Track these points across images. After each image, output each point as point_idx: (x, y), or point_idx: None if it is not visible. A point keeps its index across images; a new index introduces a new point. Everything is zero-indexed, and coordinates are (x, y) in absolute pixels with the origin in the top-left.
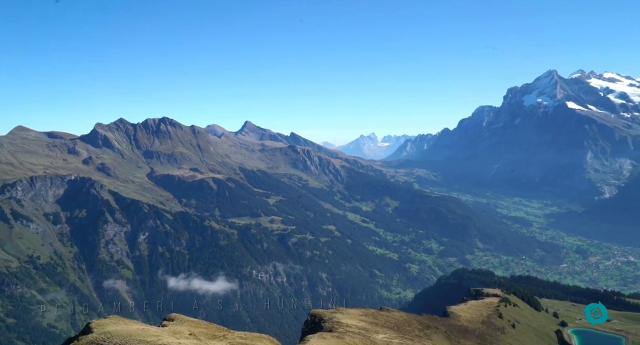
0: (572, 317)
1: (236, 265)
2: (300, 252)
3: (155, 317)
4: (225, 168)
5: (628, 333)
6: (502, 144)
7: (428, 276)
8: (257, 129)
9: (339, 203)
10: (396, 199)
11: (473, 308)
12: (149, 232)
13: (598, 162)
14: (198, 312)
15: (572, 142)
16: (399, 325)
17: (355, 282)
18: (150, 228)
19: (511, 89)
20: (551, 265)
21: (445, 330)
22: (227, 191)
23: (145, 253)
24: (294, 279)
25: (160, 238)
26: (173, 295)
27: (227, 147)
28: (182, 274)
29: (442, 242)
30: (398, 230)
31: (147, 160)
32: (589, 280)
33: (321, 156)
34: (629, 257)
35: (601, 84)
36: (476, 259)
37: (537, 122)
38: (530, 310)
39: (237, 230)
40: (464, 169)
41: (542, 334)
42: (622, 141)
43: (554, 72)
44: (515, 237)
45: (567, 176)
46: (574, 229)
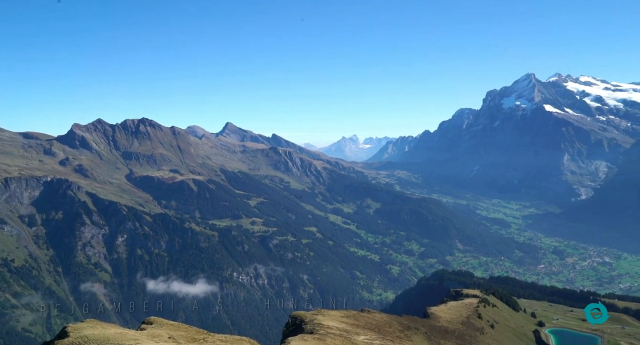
0: (549, 317)
1: (217, 268)
2: (281, 254)
3: (134, 320)
4: (206, 169)
5: (604, 332)
6: (482, 146)
7: (409, 277)
8: (239, 131)
9: (320, 205)
10: (377, 201)
11: (453, 309)
12: (127, 234)
13: (575, 164)
14: (177, 315)
15: (550, 144)
16: (380, 326)
17: (336, 284)
18: (128, 230)
19: (490, 92)
20: (529, 266)
21: (425, 331)
22: (207, 193)
23: (123, 255)
24: (275, 280)
25: (139, 240)
26: (152, 299)
27: (207, 149)
28: (162, 277)
29: (422, 244)
30: (379, 232)
31: (126, 162)
32: (565, 280)
33: (303, 158)
34: (605, 258)
35: (577, 88)
36: (456, 260)
37: (516, 124)
38: (508, 310)
39: (217, 232)
40: (445, 171)
41: (520, 334)
42: (597, 144)
43: (531, 75)
44: (494, 238)
45: (545, 178)
46: (551, 230)
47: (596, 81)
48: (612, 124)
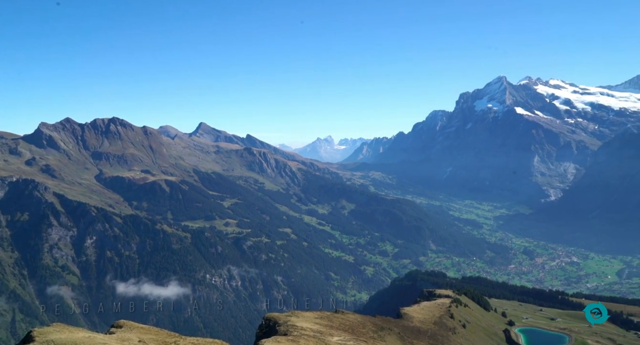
0: (519, 316)
1: (189, 270)
2: (255, 256)
3: (103, 324)
4: (179, 170)
5: (571, 331)
6: (455, 147)
7: (383, 278)
8: (212, 131)
9: (295, 206)
10: (352, 202)
11: (426, 309)
12: (96, 236)
13: (544, 166)
14: (148, 318)
15: (521, 146)
16: (354, 327)
17: (310, 285)
18: (98, 232)
19: (463, 94)
20: (500, 266)
21: (398, 332)
22: (180, 194)
23: (92, 258)
24: (248, 282)
25: (108, 242)
26: (122, 301)
27: (180, 149)
28: (132, 279)
29: (396, 244)
30: (354, 233)
31: (96, 162)
32: (535, 280)
33: (278, 158)
34: (573, 258)
35: (547, 91)
36: (429, 260)
37: (488, 126)
38: (480, 310)
39: (190, 234)
40: (418, 172)
41: (491, 333)
42: (566, 146)
43: (503, 78)
44: (467, 238)
45: (516, 179)
46: (521, 230)
47: (565, 84)
48: (580, 127)
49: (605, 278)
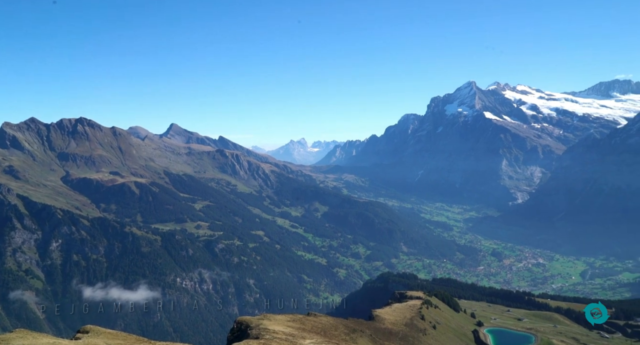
0: (487, 317)
1: (159, 273)
2: (227, 258)
3: (69, 329)
4: (149, 172)
5: (537, 331)
6: (426, 151)
7: (355, 280)
8: (184, 132)
9: (268, 208)
10: (325, 204)
11: (397, 311)
12: (62, 239)
13: (512, 169)
14: (116, 323)
15: (489, 150)
16: (326, 330)
17: (283, 288)
18: (64, 235)
19: (434, 99)
20: (469, 267)
21: (370, 334)
22: (150, 196)
23: (58, 262)
24: (220, 286)
25: (75, 245)
26: (89, 306)
27: (151, 150)
28: (100, 283)
29: (369, 247)
30: (327, 235)
31: (62, 163)
32: (503, 281)
33: (250, 161)
34: (539, 259)
35: (515, 96)
36: (401, 262)
37: (458, 130)
38: (450, 311)
39: (160, 237)
40: (391, 175)
41: (461, 334)
42: (533, 150)
43: (472, 83)
44: (438, 241)
45: (485, 182)
46: (490, 232)
47: (531, 90)
48: (546, 132)
49: (570, 279)
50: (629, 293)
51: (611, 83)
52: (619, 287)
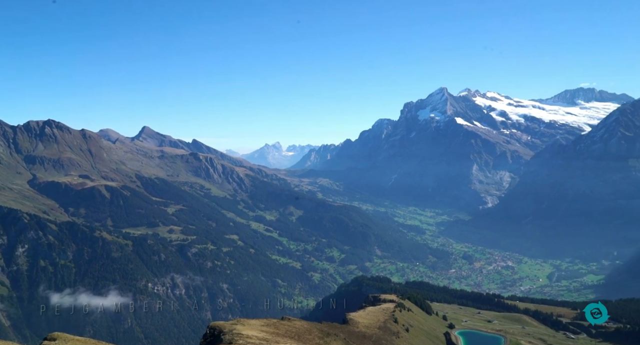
0: (459, 319)
1: (130, 278)
2: (200, 263)
3: (35, 337)
4: (120, 175)
5: (506, 332)
6: (400, 155)
7: (329, 284)
8: (156, 135)
9: (242, 212)
10: (300, 208)
11: (371, 314)
12: (28, 245)
13: (482, 174)
14: (85, 329)
15: (461, 155)
16: (300, 334)
17: (257, 292)
18: (30, 240)
19: (407, 104)
20: (441, 270)
21: (344, 337)
22: (121, 200)
23: (24, 267)
24: (193, 290)
25: (42, 251)
26: (56, 313)
27: (122, 153)
28: (68, 289)
29: (343, 251)
30: (301, 239)
31: (29, 166)
32: (474, 284)
33: (225, 164)
34: (508, 262)
35: (485, 103)
36: (375, 266)
37: (430, 135)
38: (422, 314)
39: (132, 241)
40: (365, 179)
41: (433, 336)
42: (502, 155)
43: (444, 89)
44: (411, 244)
45: (456, 187)
46: (461, 236)
47: (501, 97)
48: (514, 137)
49: (537, 281)
50: (593, 294)
51: (576, 91)
52: (584, 289)
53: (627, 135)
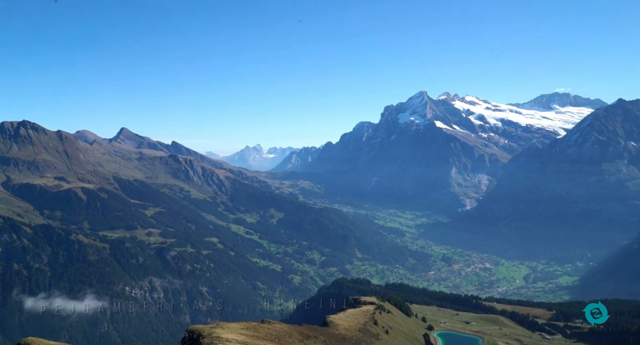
0: (438, 321)
1: (107, 282)
2: (179, 266)
3: (8, 342)
4: (97, 177)
5: (484, 334)
6: (380, 158)
7: (310, 286)
8: (135, 137)
9: (222, 214)
10: (281, 211)
11: (351, 316)
12: (2, 248)
13: (461, 177)
14: (60, 334)
15: (440, 158)
16: (280, 337)
17: (237, 295)
18: (4, 243)
19: (388, 107)
20: (421, 272)
21: (324, 340)
22: (98, 202)
23: None
24: (171, 294)
25: (16, 254)
26: (31, 317)
27: (99, 155)
28: (43, 293)
29: (324, 253)
30: (282, 242)
31: (3, 168)
32: (452, 285)
33: (204, 166)
34: (486, 264)
35: (463, 106)
36: (355, 268)
37: (410, 138)
38: (402, 316)
39: (109, 244)
40: (345, 182)
41: (412, 338)
42: (480, 158)
43: (424, 93)
44: (390, 246)
45: (435, 190)
46: (440, 238)
47: (479, 101)
48: (492, 141)
49: (514, 283)
50: (568, 296)
51: (552, 96)
52: (559, 290)
53: (601, 139)
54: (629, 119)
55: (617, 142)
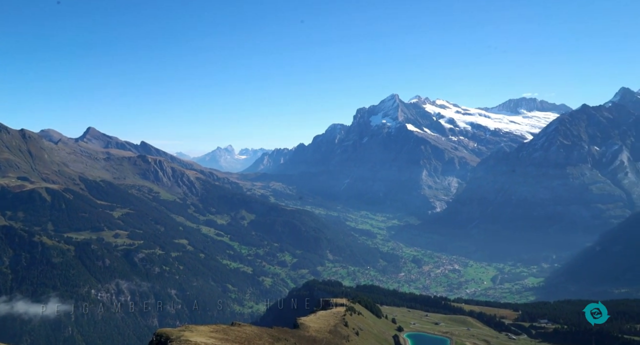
0: (407, 322)
1: (71, 285)
2: (147, 268)
3: None
4: (63, 178)
5: (452, 334)
6: (352, 160)
7: (281, 289)
8: (102, 136)
9: (192, 216)
10: (252, 212)
11: (321, 318)
12: None
13: (431, 179)
14: (21, 339)
15: (411, 160)
16: (250, 339)
17: (207, 298)
18: None
19: (360, 110)
20: (391, 274)
21: (294, 342)
22: (63, 203)
23: None
24: (139, 296)
25: None
26: None
27: (65, 155)
28: (4, 297)
29: (295, 255)
30: (253, 244)
31: None
32: (422, 287)
33: (175, 167)
34: (455, 266)
35: (434, 110)
36: (326, 270)
37: (382, 141)
38: (372, 317)
39: (74, 246)
40: (318, 183)
41: (382, 339)
42: (450, 161)
43: (396, 96)
44: (362, 248)
45: (407, 192)
46: (411, 240)
47: (449, 105)
48: (462, 144)
49: (482, 284)
50: (534, 296)
51: (519, 100)
52: (525, 291)
53: (566, 143)
54: (593, 124)
55: (581, 146)
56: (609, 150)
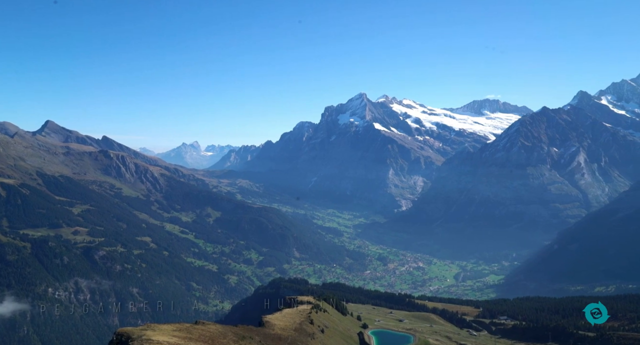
0: (372, 319)
1: (27, 283)
2: (108, 266)
3: None
4: (19, 172)
5: (416, 331)
6: (320, 158)
7: (247, 287)
8: (62, 130)
9: (156, 213)
10: (218, 210)
11: (287, 316)
12: None
13: (398, 178)
14: None
15: (378, 159)
16: (214, 338)
17: (170, 296)
18: None
19: (328, 108)
20: (357, 272)
21: (259, 340)
22: (19, 198)
23: None
24: (99, 295)
25: None
26: None
27: (21, 149)
28: None
29: (261, 253)
30: (219, 241)
31: None
32: (387, 284)
33: (138, 163)
34: (419, 263)
35: (401, 109)
36: (293, 268)
37: (350, 140)
38: (338, 315)
39: (30, 243)
40: (285, 181)
41: (347, 336)
42: (416, 161)
43: (363, 95)
44: (329, 246)
45: (373, 190)
46: (377, 238)
47: (416, 105)
48: (427, 144)
49: (445, 281)
50: (495, 294)
51: (483, 102)
52: (486, 288)
53: (526, 144)
54: (552, 126)
55: (541, 147)
56: (567, 152)
